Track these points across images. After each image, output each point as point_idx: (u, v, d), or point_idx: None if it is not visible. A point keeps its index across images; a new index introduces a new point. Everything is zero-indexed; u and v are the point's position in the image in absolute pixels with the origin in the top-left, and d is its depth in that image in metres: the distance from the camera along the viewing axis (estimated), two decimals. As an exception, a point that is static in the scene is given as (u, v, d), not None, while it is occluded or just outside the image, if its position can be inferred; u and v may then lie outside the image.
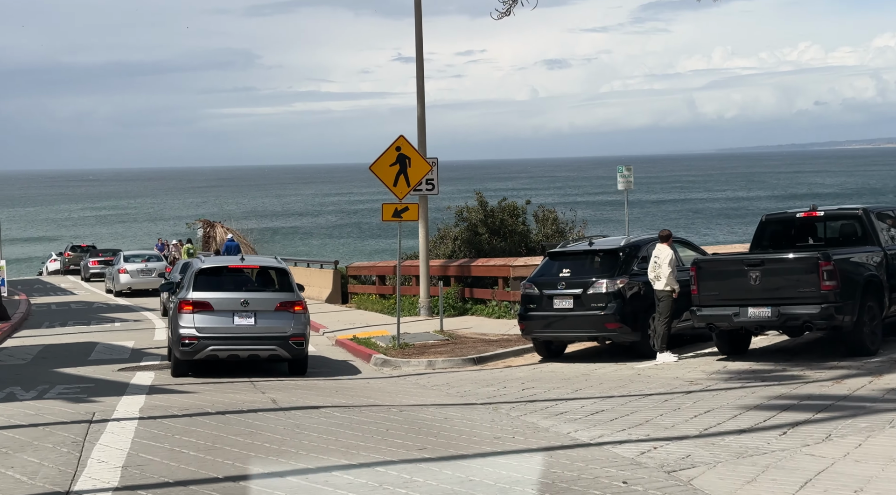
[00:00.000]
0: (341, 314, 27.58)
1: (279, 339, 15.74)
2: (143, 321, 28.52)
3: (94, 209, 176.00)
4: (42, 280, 56.00)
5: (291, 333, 15.82)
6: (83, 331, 25.87)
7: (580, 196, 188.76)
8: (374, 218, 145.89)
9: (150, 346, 21.72)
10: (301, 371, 16.28)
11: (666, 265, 15.86)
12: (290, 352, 15.84)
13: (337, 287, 31.71)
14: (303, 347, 15.97)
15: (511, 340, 19.71)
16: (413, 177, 19.39)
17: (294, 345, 15.84)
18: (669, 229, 16.63)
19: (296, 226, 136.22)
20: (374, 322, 24.76)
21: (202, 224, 57.43)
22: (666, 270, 15.83)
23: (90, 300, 37.71)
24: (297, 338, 15.88)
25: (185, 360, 15.87)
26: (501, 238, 27.11)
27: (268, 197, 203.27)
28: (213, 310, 15.73)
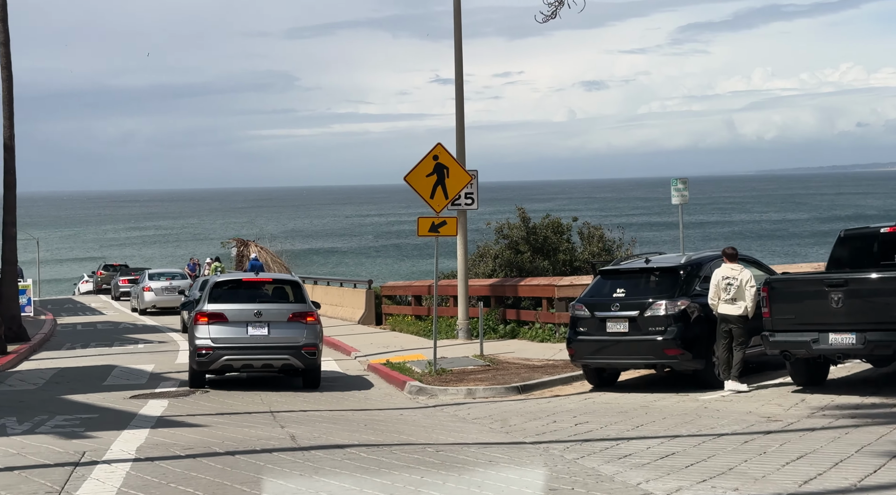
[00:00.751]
0: (375, 336, 26.08)
1: (292, 349, 16.10)
2: (167, 343, 27.20)
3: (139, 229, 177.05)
4: (74, 299, 55.21)
5: (304, 343, 16.20)
6: (104, 353, 24.59)
7: (619, 217, 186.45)
8: (410, 238, 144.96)
9: (170, 370, 20.33)
10: (314, 383, 16.58)
11: (748, 286, 14.19)
12: (302, 361, 16.18)
13: (371, 307, 30.23)
14: (315, 357, 16.29)
15: (558, 366, 18.09)
16: (452, 189, 17.86)
17: (306, 355, 16.19)
18: (734, 246, 14.94)
19: (332, 246, 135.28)
20: (409, 345, 23.23)
21: (236, 243, 56.22)
22: (749, 292, 14.15)
23: (117, 320, 36.54)
24: (310, 347, 16.24)
25: (202, 370, 16.34)
26: (544, 256, 25.51)
27: (306, 217, 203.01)
28: (227, 321, 16.13)
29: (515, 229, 26.11)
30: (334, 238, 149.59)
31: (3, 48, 25.60)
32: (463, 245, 23.21)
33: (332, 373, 19.48)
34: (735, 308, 14.22)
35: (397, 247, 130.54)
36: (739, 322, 14.22)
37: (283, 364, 16.25)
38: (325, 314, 33.73)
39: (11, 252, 26.02)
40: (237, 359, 16.12)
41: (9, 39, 25.67)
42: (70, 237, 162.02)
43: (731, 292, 14.24)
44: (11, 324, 25.81)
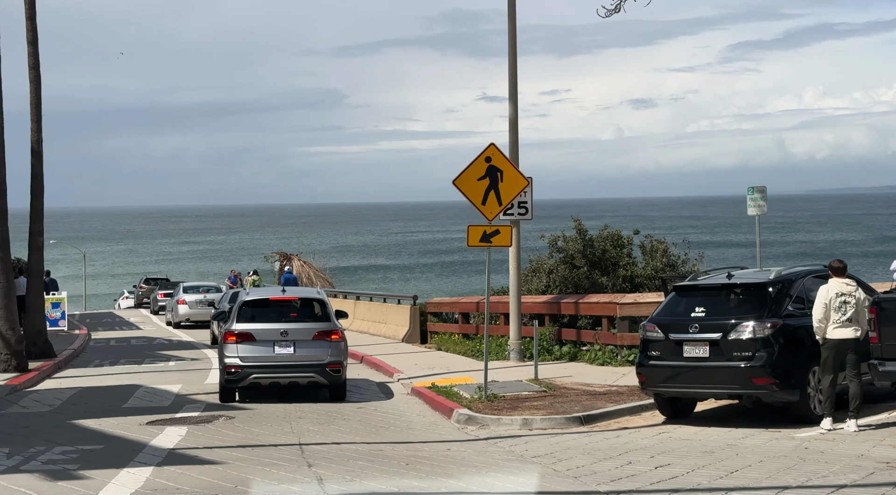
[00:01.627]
0: (419, 356, 24.32)
1: (317, 367, 16.64)
2: (199, 360, 25.65)
3: (192, 243, 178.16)
4: (114, 313, 54.17)
5: (328, 361, 16.71)
6: (132, 371, 23.10)
7: (669, 235, 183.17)
8: (456, 254, 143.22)
9: (197, 391, 18.73)
10: (340, 397, 17.07)
11: (865, 305, 12.23)
12: (327, 378, 16.76)
13: (415, 325, 28.50)
14: (340, 374, 16.84)
15: (622, 393, 16.20)
16: (506, 195, 16.08)
17: (331, 372, 16.74)
18: (841, 259, 12.94)
19: (378, 262, 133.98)
20: (456, 366, 21.44)
21: (279, 257, 54.99)
22: (864, 314, 12.19)
23: (152, 335, 35.16)
24: (334, 365, 16.74)
25: (231, 387, 16.96)
26: (603, 272, 23.59)
27: (352, 233, 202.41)
28: (255, 340, 16.68)
29: (571, 242, 24.24)
30: (380, 254, 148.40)
31: (31, 47, 24.31)
32: (516, 258, 21.40)
33: (373, 396, 17.75)
34: (852, 330, 12.24)
35: (443, 263, 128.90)
36: (857, 347, 12.24)
37: (309, 381, 16.88)
38: (366, 331, 32.17)
39: (38, 262, 24.66)
40: (264, 377, 16.71)
41: (37, 38, 24.38)
42: (126, 251, 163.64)
43: (846, 312, 12.25)
44: (36, 340, 24.43)
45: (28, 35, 24.31)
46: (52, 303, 35.54)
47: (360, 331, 31.99)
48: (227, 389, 16.99)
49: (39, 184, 24.54)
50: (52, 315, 35.44)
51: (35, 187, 24.49)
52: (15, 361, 21.22)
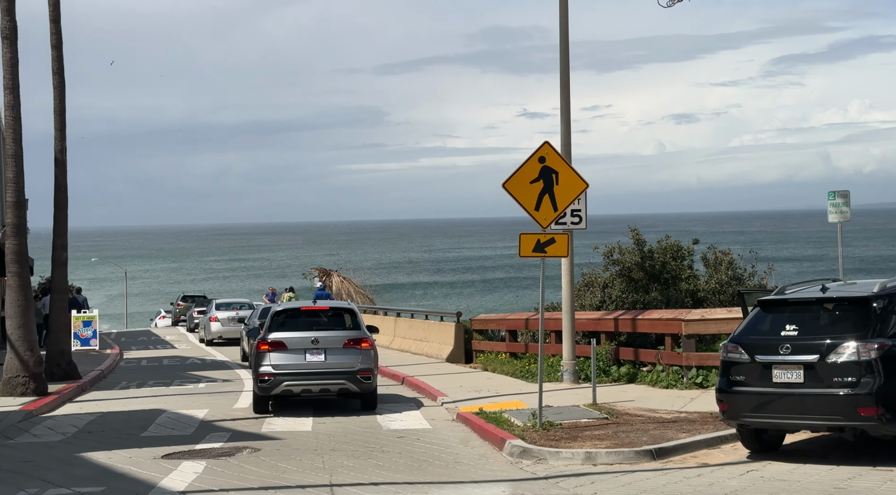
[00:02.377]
0: (464, 377, 22.65)
1: (348, 374, 16.96)
2: (231, 381, 24.18)
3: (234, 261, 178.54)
4: (151, 331, 53.14)
5: (359, 368, 17.04)
6: (158, 393, 21.67)
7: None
8: (499, 271, 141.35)
9: (224, 417, 17.22)
10: (372, 405, 17.45)
11: None
12: (358, 386, 17.04)
13: (460, 343, 26.84)
14: (370, 381, 17.10)
15: (694, 421, 14.43)
16: (562, 199, 14.40)
17: (362, 380, 17.04)
18: None
19: (419, 279, 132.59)
20: (504, 388, 19.74)
21: (318, 273, 53.64)
22: None
23: (186, 354, 33.81)
24: (365, 372, 17.06)
25: (264, 396, 17.21)
26: (663, 285, 21.77)
27: (394, 250, 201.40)
28: (287, 349, 17.05)
29: (628, 254, 22.44)
30: (422, 271, 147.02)
31: (55, 51, 23.08)
32: (568, 271, 19.70)
33: (414, 422, 16.12)
34: None
35: (486, 280, 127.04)
36: None
37: (340, 388, 17.07)
38: (407, 350, 30.58)
39: (62, 279, 23.35)
40: (296, 384, 16.98)
41: (61, 42, 23.15)
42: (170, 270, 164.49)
43: None
44: (60, 360, 23.10)
45: (52, 39, 23.09)
46: (83, 322, 34.40)
47: (401, 350, 30.40)
48: (260, 398, 17.24)
49: (63, 196, 23.26)
50: (83, 333, 34.32)
51: (59, 199, 23.22)
52: (34, 384, 19.86)
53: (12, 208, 19.69)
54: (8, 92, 19.50)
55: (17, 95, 19.59)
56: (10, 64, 19.41)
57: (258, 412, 17.22)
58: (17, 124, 19.65)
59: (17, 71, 19.56)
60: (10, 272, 19.60)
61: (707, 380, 17.67)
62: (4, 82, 19.57)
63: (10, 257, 19.66)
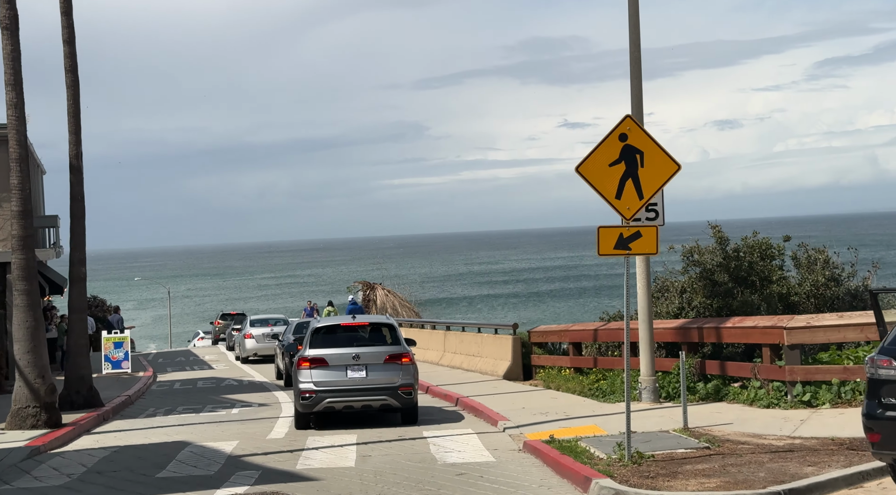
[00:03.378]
0: (525, 396, 20.22)
1: (389, 390, 16.85)
2: (268, 406, 21.94)
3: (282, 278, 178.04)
4: (191, 351, 51.27)
5: (400, 384, 16.89)
6: (187, 421, 19.50)
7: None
8: (548, 283, 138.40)
9: (256, 450, 14.96)
10: (412, 419, 17.21)
11: None
12: (399, 401, 16.93)
13: (517, 358, 24.40)
14: (411, 396, 16.98)
15: (815, 450, 11.92)
16: (649, 184, 11.97)
17: (403, 395, 16.89)
18: None
19: (466, 293, 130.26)
20: (574, 410, 17.29)
21: (362, 286, 51.52)
22: None
23: (223, 375, 31.69)
24: (406, 388, 16.92)
25: (306, 412, 17.07)
26: (751, 288, 19.16)
27: (438, 263, 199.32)
28: (327, 366, 16.95)
29: (708, 254, 19.88)
30: (468, 283, 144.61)
31: (68, 47, 21.08)
32: (646, 273, 17.23)
33: (474, 453, 13.73)
34: None
35: (534, 293, 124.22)
36: None
37: (382, 404, 16.98)
38: (459, 366, 28.20)
39: (80, 297, 21.28)
40: (338, 401, 16.88)
41: (73, 37, 21.14)
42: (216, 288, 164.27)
43: None
44: (80, 387, 21.04)
45: (63, 33, 21.09)
46: (114, 343, 32.47)
47: (452, 367, 28.02)
48: (302, 415, 17.09)
49: (80, 206, 21.23)
50: (114, 356, 32.38)
51: (75, 209, 21.19)
52: (45, 415, 17.77)
53: (18, 218, 17.65)
54: (10, 88, 17.48)
55: (21, 92, 17.57)
56: (10, 57, 17.39)
57: (299, 427, 17.06)
58: (22, 125, 17.62)
59: (20, 65, 17.54)
60: (16, 290, 17.56)
61: (816, 398, 15.09)
62: (6, 78, 17.57)
63: (17, 273, 17.61)
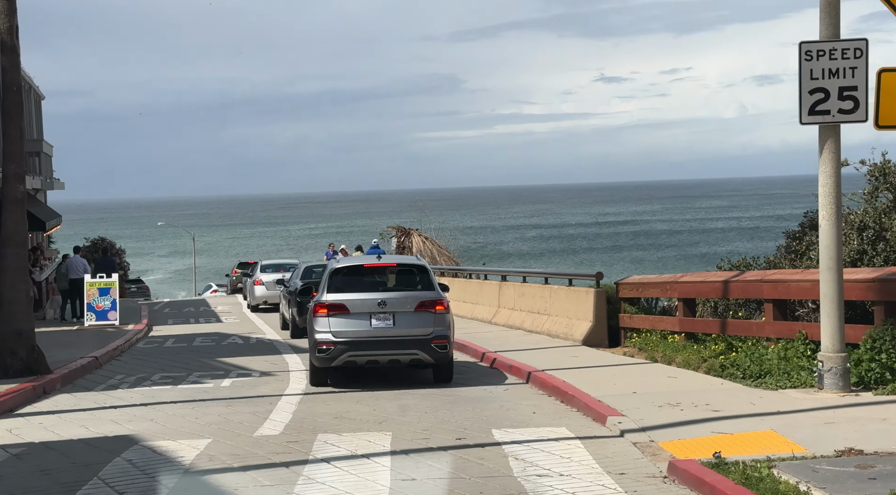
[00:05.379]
0: (625, 372, 14.49)
1: (420, 342, 14.52)
2: (273, 376, 16.39)
3: (312, 228, 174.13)
4: (206, 300, 46.02)
5: (434, 335, 14.56)
6: (155, 398, 14.04)
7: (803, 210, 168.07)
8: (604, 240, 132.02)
9: (231, 461, 9.41)
10: (447, 378, 14.88)
11: None
12: (432, 356, 14.60)
13: (601, 318, 18.61)
14: (447, 351, 14.63)
15: None
16: None
17: (437, 349, 14.52)
18: None
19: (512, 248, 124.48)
20: (718, 400, 11.55)
21: (396, 231, 45.97)
22: None
23: (228, 331, 26.16)
24: (440, 340, 14.56)
25: (323, 367, 14.75)
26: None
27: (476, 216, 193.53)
28: (349, 313, 14.60)
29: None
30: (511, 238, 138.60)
31: None
32: (833, 192, 11.31)
33: (584, 477, 8.12)
34: None
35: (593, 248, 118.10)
36: None
37: (412, 359, 14.69)
38: (519, 326, 22.49)
39: (17, 225, 15.64)
40: (361, 354, 14.55)
41: None
42: (248, 236, 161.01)
43: None
44: (17, 347, 15.52)
45: None
46: (98, 289, 27.03)
47: (509, 326, 22.32)
48: (318, 371, 14.91)
49: (16, 101, 15.52)
50: (98, 305, 26.97)
51: (9, 104, 15.49)
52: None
53: None
54: None
55: None
56: None
57: (315, 384, 14.79)
58: None
59: None
60: None
61: None
62: None
63: None
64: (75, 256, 30.49)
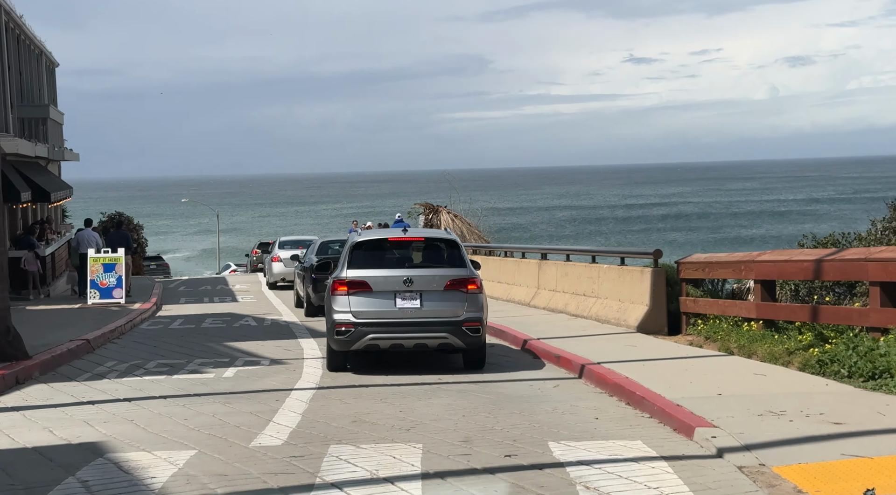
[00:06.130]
0: (699, 367, 12.21)
1: (450, 325, 13.09)
2: (285, 365, 14.25)
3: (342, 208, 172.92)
4: (226, 278, 44.04)
5: (465, 317, 13.12)
6: (144, 392, 11.97)
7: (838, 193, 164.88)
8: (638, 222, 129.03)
9: (220, 475, 7.20)
10: (479, 364, 13.46)
11: None
12: (463, 340, 13.14)
13: (659, 301, 16.28)
14: (479, 334, 13.25)
15: None
16: None
17: (468, 332, 13.11)
18: None
19: (546, 230, 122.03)
20: (830, 407, 9.25)
21: (424, 208, 43.80)
22: None
23: (242, 312, 24.05)
24: (472, 323, 13.13)
25: (342, 351, 13.30)
26: None
27: (505, 198, 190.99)
28: (371, 291, 13.18)
29: None
30: (543, 219, 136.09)
31: None
32: None
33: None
34: None
35: (629, 230, 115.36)
36: None
37: (441, 343, 13.16)
38: (563, 310, 20.12)
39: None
40: (384, 337, 13.08)
41: None
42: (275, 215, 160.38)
43: None
44: (-12, 328, 13.40)
45: None
46: (103, 265, 25.02)
47: (550, 309, 20.08)
48: (336, 355, 13.38)
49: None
50: (103, 282, 24.96)
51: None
52: None
53: None
54: None
55: None
56: None
57: (333, 369, 13.43)
58: None
59: None
60: None
61: None
62: None
63: None
64: (87, 229, 28.52)
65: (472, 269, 13.69)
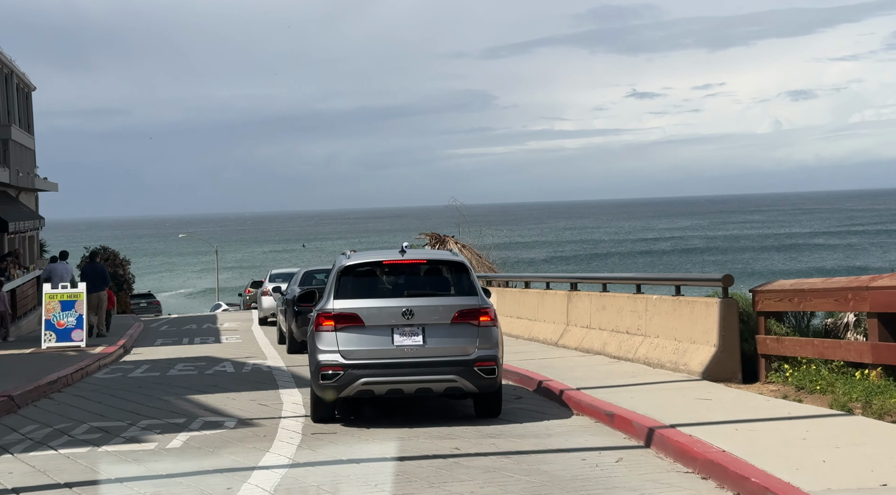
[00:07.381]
0: (818, 435, 8.84)
1: (459, 365, 10.93)
2: (253, 426, 10.93)
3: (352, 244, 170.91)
4: (217, 316, 40.79)
5: (477, 356, 11.00)
6: (44, 477, 8.64)
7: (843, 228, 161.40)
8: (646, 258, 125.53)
9: None
10: (494, 411, 11.33)
11: None
12: (475, 382, 10.96)
13: (732, 340, 12.88)
14: (494, 376, 11.04)
15: None
16: None
17: (481, 374, 10.96)
18: None
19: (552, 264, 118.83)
20: None
21: (430, 238, 40.57)
22: None
23: (222, 356, 20.66)
24: (486, 362, 10.97)
25: (330, 399, 11.12)
26: None
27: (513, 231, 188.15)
28: (363, 326, 11.09)
29: None
30: (552, 256, 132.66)
31: None
32: None
33: None
34: None
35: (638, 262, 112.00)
36: None
37: (448, 387, 10.98)
38: (600, 351, 16.60)
39: None
40: (380, 381, 10.93)
41: None
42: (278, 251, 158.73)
43: None
44: None
45: None
46: (60, 303, 21.71)
47: (584, 351, 16.67)
48: (321, 402, 11.12)
49: None
50: (60, 322, 21.62)
51: None
52: None
53: None
54: None
55: None
56: None
57: (317, 421, 11.06)
58: None
59: None
60: None
61: None
62: None
63: None
64: (60, 262, 25.32)
65: (483, 298, 11.47)
